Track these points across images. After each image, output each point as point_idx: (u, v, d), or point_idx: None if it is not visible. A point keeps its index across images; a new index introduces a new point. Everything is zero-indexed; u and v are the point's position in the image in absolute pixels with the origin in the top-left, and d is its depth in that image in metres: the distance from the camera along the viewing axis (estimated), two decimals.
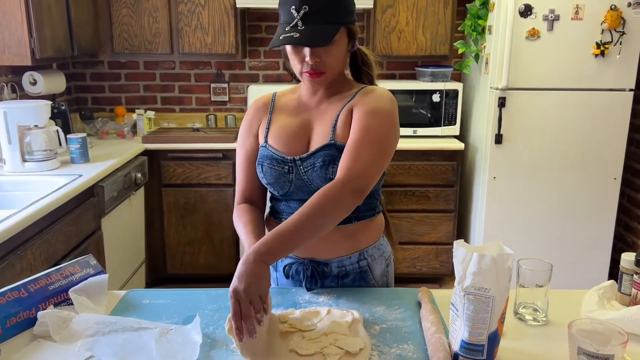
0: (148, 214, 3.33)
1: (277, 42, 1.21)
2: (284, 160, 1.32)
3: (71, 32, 2.95)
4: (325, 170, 1.28)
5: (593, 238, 3.23)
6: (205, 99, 3.83)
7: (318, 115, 1.35)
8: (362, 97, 1.32)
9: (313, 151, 1.30)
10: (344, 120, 1.30)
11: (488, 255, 0.96)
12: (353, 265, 1.38)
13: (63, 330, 1.11)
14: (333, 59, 1.26)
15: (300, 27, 1.20)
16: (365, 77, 1.42)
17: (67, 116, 3.17)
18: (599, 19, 2.94)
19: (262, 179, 1.36)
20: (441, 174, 3.32)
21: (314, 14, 1.19)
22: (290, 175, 1.32)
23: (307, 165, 1.30)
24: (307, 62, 1.24)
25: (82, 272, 1.28)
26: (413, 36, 3.39)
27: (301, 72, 1.28)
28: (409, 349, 1.07)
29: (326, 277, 1.37)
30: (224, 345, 1.09)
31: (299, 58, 1.26)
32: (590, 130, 3.09)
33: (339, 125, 1.30)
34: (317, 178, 1.30)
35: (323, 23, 1.21)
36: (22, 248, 1.91)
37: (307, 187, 1.32)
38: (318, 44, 1.21)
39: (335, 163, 1.27)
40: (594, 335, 0.95)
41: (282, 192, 1.36)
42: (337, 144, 1.29)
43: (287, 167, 1.32)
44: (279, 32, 1.23)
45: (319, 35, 1.20)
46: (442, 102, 3.38)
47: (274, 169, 1.33)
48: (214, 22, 3.33)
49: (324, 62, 1.25)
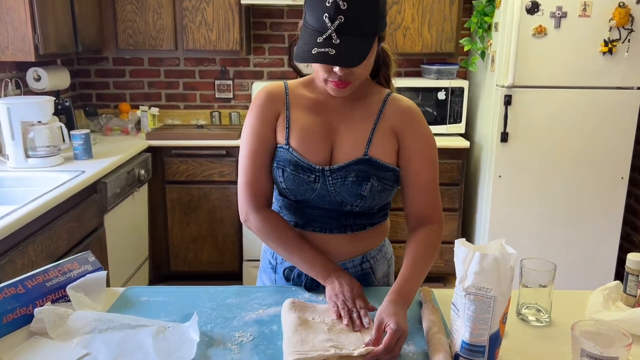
0: (151, 211, 3.32)
1: (310, 57, 1.09)
2: (312, 168, 1.24)
3: (75, 29, 2.95)
4: (357, 186, 1.23)
5: (599, 238, 3.19)
6: (210, 95, 3.82)
7: (342, 121, 1.27)
8: (403, 119, 1.27)
9: (346, 164, 1.24)
10: (382, 138, 1.25)
11: (490, 255, 0.94)
12: (355, 268, 1.35)
13: (60, 327, 1.10)
14: (363, 69, 1.18)
15: (335, 41, 1.07)
16: (382, 77, 1.35)
17: (71, 112, 3.16)
18: (607, 16, 2.90)
19: (279, 183, 1.28)
20: (446, 172, 3.30)
21: (350, 25, 1.08)
22: (315, 185, 1.25)
23: (337, 177, 1.24)
24: (335, 72, 1.14)
25: (81, 268, 1.26)
26: (419, 33, 3.37)
27: (326, 80, 1.18)
28: (409, 349, 1.06)
29: None
30: (221, 343, 1.07)
31: (326, 68, 1.15)
32: (597, 129, 3.06)
33: (375, 141, 1.25)
34: (345, 192, 1.24)
35: (359, 35, 1.10)
36: (24, 244, 1.90)
37: (330, 198, 1.26)
38: (355, 63, 1.10)
39: (369, 180, 1.23)
40: (597, 337, 0.93)
41: (300, 199, 1.29)
42: (372, 160, 1.24)
43: (314, 176, 1.24)
44: (308, 41, 1.11)
45: (355, 51, 1.09)
46: (447, 100, 3.36)
47: (298, 176, 1.25)
48: (219, 19, 3.32)
49: (353, 73, 1.16)
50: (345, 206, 1.27)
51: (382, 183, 1.25)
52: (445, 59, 3.61)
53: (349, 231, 1.31)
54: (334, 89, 1.19)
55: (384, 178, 1.26)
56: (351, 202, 1.26)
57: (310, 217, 1.31)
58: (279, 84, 1.33)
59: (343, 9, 1.07)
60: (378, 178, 1.24)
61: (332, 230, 1.31)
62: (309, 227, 1.32)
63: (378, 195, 1.26)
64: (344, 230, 1.31)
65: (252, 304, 1.23)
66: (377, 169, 1.25)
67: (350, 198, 1.25)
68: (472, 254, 0.95)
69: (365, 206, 1.27)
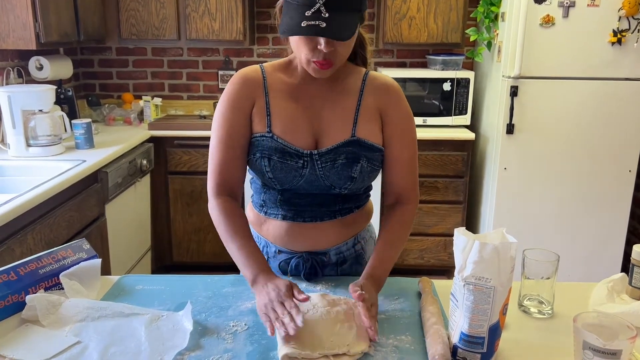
0: (154, 202, 3.31)
1: (300, 30, 1.08)
2: (299, 153, 1.22)
3: (77, 17, 2.93)
4: (347, 168, 1.22)
5: (606, 231, 3.15)
6: (213, 86, 3.79)
7: (325, 105, 1.26)
8: (385, 96, 1.27)
9: (334, 146, 1.22)
10: (367, 118, 1.25)
11: (489, 244, 0.91)
12: (349, 251, 1.35)
13: (52, 315, 1.09)
14: (346, 49, 1.17)
15: (324, 15, 1.07)
16: (360, 60, 1.34)
17: (73, 102, 3.15)
18: (616, 6, 2.84)
19: (265, 173, 1.23)
20: (451, 164, 3.26)
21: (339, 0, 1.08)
22: (303, 170, 1.22)
23: (327, 161, 1.22)
24: (320, 50, 1.12)
25: (75, 256, 1.25)
26: (424, 23, 3.32)
27: (309, 60, 1.15)
28: (406, 340, 1.03)
29: (325, 267, 1.33)
30: (215, 332, 1.05)
31: (310, 46, 1.13)
32: (605, 121, 3.01)
33: (360, 121, 1.24)
34: (334, 175, 1.22)
35: (346, 11, 1.10)
36: (22, 232, 1.89)
37: (318, 182, 1.24)
38: (346, 36, 1.09)
39: (359, 161, 1.22)
40: (600, 329, 0.90)
41: (287, 187, 1.25)
42: (361, 140, 1.23)
43: (303, 161, 1.22)
44: (294, 16, 1.09)
45: (344, 26, 1.09)
46: (453, 91, 3.31)
47: (286, 163, 1.22)
48: (222, 8, 3.29)
49: (337, 52, 1.14)
50: (334, 189, 1.25)
51: (370, 164, 1.25)
52: (451, 49, 3.56)
53: (338, 216, 1.30)
54: (317, 69, 1.16)
55: (372, 159, 1.25)
56: (340, 185, 1.24)
57: (298, 207, 1.28)
58: (255, 68, 1.30)
59: None
60: (367, 159, 1.24)
61: (323, 217, 1.29)
62: (299, 219, 1.29)
63: (367, 176, 1.26)
64: (334, 216, 1.30)
65: (248, 293, 1.21)
66: (366, 150, 1.24)
67: (340, 181, 1.23)
68: (472, 242, 0.93)
69: (354, 188, 1.27)
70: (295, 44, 1.17)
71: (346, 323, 1.04)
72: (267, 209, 1.32)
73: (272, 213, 1.31)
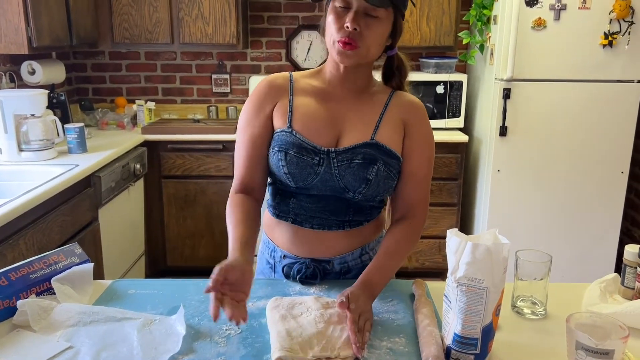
0: (147, 206, 3.30)
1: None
2: (316, 150, 1.22)
3: (69, 21, 2.92)
4: (363, 169, 1.21)
5: (599, 233, 3.16)
6: (207, 90, 3.79)
7: (350, 109, 1.27)
8: (410, 111, 1.30)
9: (353, 146, 1.23)
10: (389, 125, 1.26)
11: (482, 245, 0.91)
12: (355, 261, 1.33)
13: (43, 320, 1.08)
14: (371, 36, 1.17)
15: None
16: (394, 83, 1.34)
17: (66, 106, 3.14)
18: (607, 8, 2.86)
19: (281, 167, 1.24)
20: (444, 166, 3.27)
21: None
22: (319, 168, 1.22)
23: (343, 160, 1.22)
24: (346, 26, 1.14)
25: (67, 260, 1.24)
26: (417, 27, 3.33)
27: (334, 41, 1.18)
28: (400, 342, 1.03)
29: (328, 274, 1.32)
30: (208, 336, 1.05)
31: (338, 24, 1.16)
32: (597, 123, 3.03)
33: (382, 127, 1.25)
34: (349, 175, 1.22)
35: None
36: (15, 237, 1.88)
37: (333, 183, 1.23)
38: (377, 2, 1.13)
39: (376, 163, 1.22)
40: (593, 329, 0.90)
41: (301, 185, 1.24)
42: (379, 144, 1.23)
43: (319, 158, 1.22)
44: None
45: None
46: (446, 94, 3.32)
47: (302, 158, 1.22)
48: (215, 12, 3.29)
49: (362, 35, 1.16)
50: (348, 192, 1.24)
51: (387, 169, 1.24)
52: (444, 52, 3.57)
53: (347, 227, 1.29)
54: (340, 50, 1.17)
55: (389, 164, 1.24)
56: (355, 187, 1.23)
57: (309, 212, 1.28)
58: (285, 74, 1.33)
59: None
60: (385, 163, 1.23)
61: (331, 227, 1.28)
62: (306, 224, 1.29)
63: (382, 182, 1.24)
64: (342, 227, 1.29)
65: None
66: (384, 154, 1.24)
67: (355, 182, 1.22)
68: (465, 244, 0.93)
69: (368, 194, 1.24)
70: (328, 25, 1.20)
71: (339, 326, 1.04)
72: (279, 212, 1.32)
73: (284, 217, 1.31)
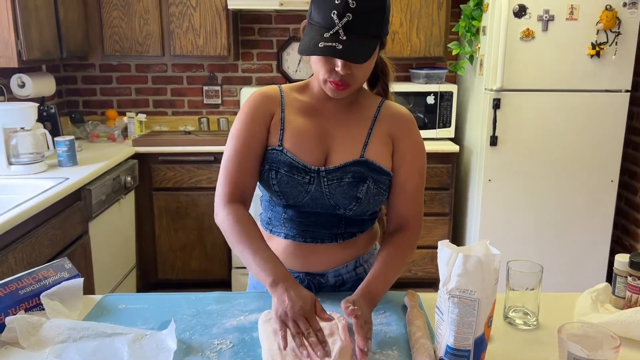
0: (139, 218, 3.28)
1: (317, 50, 1.10)
2: (307, 169, 1.22)
3: (60, 34, 2.92)
4: (353, 187, 1.22)
5: (590, 241, 3.18)
6: (198, 102, 3.79)
7: (338, 124, 1.27)
8: (398, 124, 1.29)
9: (342, 165, 1.23)
10: (378, 141, 1.26)
11: (474, 256, 0.91)
12: (350, 274, 1.33)
13: (32, 337, 1.06)
14: (363, 73, 1.19)
15: (342, 38, 1.09)
16: (380, 86, 1.36)
17: (56, 119, 3.12)
18: (594, 19, 2.90)
19: (271, 186, 1.24)
20: (436, 176, 3.28)
21: (357, 24, 1.09)
22: (309, 186, 1.22)
23: (333, 179, 1.22)
24: (337, 72, 1.14)
25: (56, 275, 1.23)
26: (407, 38, 3.36)
27: (325, 80, 1.17)
28: (392, 354, 1.03)
29: (322, 288, 1.32)
30: (199, 351, 1.04)
31: (328, 66, 1.15)
32: (586, 132, 3.05)
33: (371, 144, 1.25)
34: (340, 194, 1.22)
35: (365, 36, 1.11)
36: (3, 252, 1.86)
37: (323, 201, 1.23)
38: (361, 60, 1.11)
39: (365, 182, 1.22)
40: (585, 339, 0.90)
41: (292, 202, 1.25)
42: (369, 161, 1.24)
43: (309, 177, 1.22)
44: (315, 37, 1.11)
45: (361, 49, 1.11)
46: (436, 104, 3.34)
47: (293, 177, 1.22)
48: (206, 24, 3.30)
49: (354, 75, 1.16)
50: (339, 210, 1.24)
51: (377, 186, 1.24)
52: (434, 63, 3.60)
53: (340, 239, 1.29)
54: (333, 89, 1.18)
55: (379, 181, 1.25)
56: (345, 205, 1.23)
57: (301, 226, 1.28)
58: (274, 87, 1.33)
59: (352, 7, 1.09)
60: (374, 180, 1.24)
61: (324, 239, 1.28)
62: (299, 238, 1.28)
63: (373, 199, 1.25)
64: (335, 239, 1.29)
65: (233, 311, 1.20)
66: (374, 172, 1.24)
67: (345, 201, 1.23)
68: (456, 255, 0.93)
69: (359, 210, 1.25)
70: (314, 64, 1.20)
71: (331, 338, 1.04)
72: (272, 227, 1.32)
73: (276, 231, 1.31)
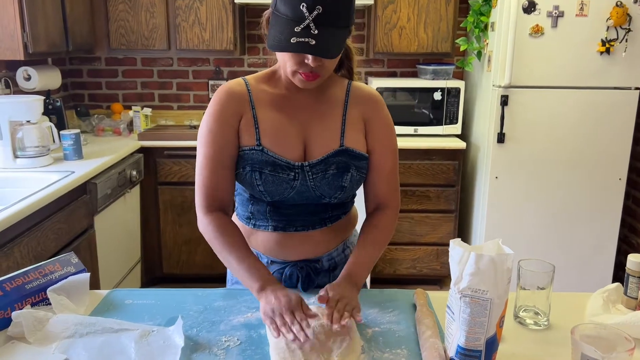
0: (144, 213, 3.27)
1: (290, 47, 1.08)
2: (290, 166, 1.22)
3: (66, 27, 2.90)
4: (338, 178, 1.23)
5: (597, 240, 3.16)
6: (204, 96, 3.77)
7: (311, 115, 1.26)
8: (367, 106, 1.29)
9: (325, 157, 1.23)
10: (353, 127, 1.27)
11: (486, 255, 0.90)
12: (340, 256, 1.37)
13: (38, 332, 1.06)
14: (332, 63, 1.18)
15: (314, 32, 1.06)
16: (345, 69, 1.35)
17: (62, 112, 3.12)
18: (605, 16, 2.87)
19: (256, 186, 1.22)
20: (442, 173, 3.26)
21: (327, 16, 1.07)
22: (294, 182, 1.22)
23: (317, 172, 1.22)
24: (307, 64, 1.12)
25: (63, 270, 1.22)
26: (414, 33, 3.33)
27: (294, 72, 1.15)
28: (402, 354, 1.02)
29: (318, 274, 1.33)
30: (207, 348, 1.03)
31: (297, 59, 1.12)
32: (594, 130, 3.03)
33: (348, 131, 1.26)
34: (325, 185, 1.23)
35: (335, 27, 1.09)
36: (9, 245, 1.85)
37: (309, 193, 1.24)
38: (335, 54, 1.11)
39: (349, 171, 1.23)
40: (598, 341, 0.89)
41: (277, 199, 1.25)
42: (349, 150, 1.25)
43: (294, 173, 1.22)
44: (284, 30, 1.08)
45: (333, 42, 1.10)
46: (443, 101, 3.32)
47: (278, 176, 1.21)
48: (212, 18, 3.28)
49: (324, 66, 1.15)
50: (324, 199, 1.27)
51: (359, 173, 1.27)
52: (442, 59, 3.57)
53: (328, 223, 1.32)
54: (303, 80, 1.17)
55: (360, 167, 1.27)
56: (330, 194, 1.26)
57: (289, 217, 1.29)
58: (239, 81, 1.29)
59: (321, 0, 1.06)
60: (357, 168, 1.26)
61: (315, 226, 1.30)
62: (290, 228, 1.29)
63: (356, 184, 1.28)
64: (324, 224, 1.31)
65: (240, 307, 1.19)
66: (355, 159, 1.26)
67: (330, 191, 1.25)
68: (468, 254, 0.91)
69: (343, 197, 1.29)
70: (281, 57, 1.18)
71: (339, 337, 1.03)
72: (255, 221, 1.32)
73: (262, 225, 1.31)
